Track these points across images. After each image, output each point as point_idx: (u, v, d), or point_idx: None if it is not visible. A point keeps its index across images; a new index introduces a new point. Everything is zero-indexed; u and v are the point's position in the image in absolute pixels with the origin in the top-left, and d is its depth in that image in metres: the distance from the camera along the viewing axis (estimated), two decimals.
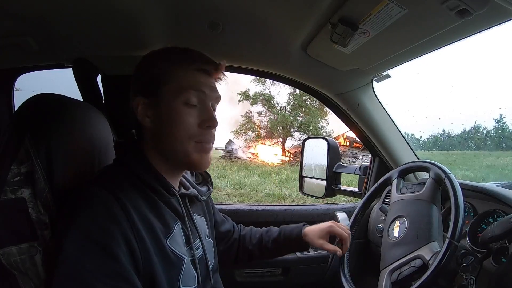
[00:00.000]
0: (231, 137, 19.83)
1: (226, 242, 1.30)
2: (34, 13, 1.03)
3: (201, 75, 0.93)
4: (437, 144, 19.25)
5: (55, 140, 0.85)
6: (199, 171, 1.14)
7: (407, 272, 1.00)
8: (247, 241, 1.34)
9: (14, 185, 0.79)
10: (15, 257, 0.77)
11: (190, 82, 0.91)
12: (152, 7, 1.07)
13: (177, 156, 0.92)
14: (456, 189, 1.03)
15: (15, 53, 1.31)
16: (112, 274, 0.72)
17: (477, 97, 34.43)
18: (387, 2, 0.88)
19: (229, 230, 1.33)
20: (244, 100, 20.03)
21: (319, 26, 1.13)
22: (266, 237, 1.33)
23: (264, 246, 1.31)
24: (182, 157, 0.92)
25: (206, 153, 0.95)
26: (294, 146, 19.32)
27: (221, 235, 1.28)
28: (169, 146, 0.92)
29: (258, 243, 1.32)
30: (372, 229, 1.67)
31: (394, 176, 1.30)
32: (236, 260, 1.34)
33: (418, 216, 1.10)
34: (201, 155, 0.93)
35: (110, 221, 0.76)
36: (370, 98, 1.65)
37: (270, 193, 10.11)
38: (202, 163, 0.95)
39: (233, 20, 1.18)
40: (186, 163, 0.94)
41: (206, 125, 0.92)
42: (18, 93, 1.67)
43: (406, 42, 1.12)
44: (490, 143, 17.96)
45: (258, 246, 1.32)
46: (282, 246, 1.30)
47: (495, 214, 1.19)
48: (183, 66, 0.92)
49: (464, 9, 0.84)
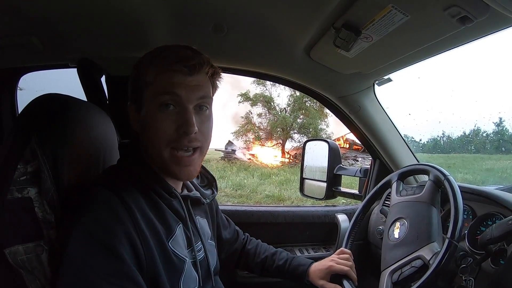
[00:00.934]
0: (231, 138, 19.82)
1: (227, 251, 1.30)
2: (39, 13, 1.04)
3: (176, 75, 0.86)
4: (437, 147, 19.22)
5: (61, 140, 0.86)
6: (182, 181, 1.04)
7: (408, 273, 1.00)
8: (250, 257, 1.33)
9: (20, 184, 0.80)
10: (22, 256, 0.77)
11: (163, 84, 0.86)
12: (156, 8, 1.08)
13: (157, 162, 0.91)
14: (455, 190, 1.04)
15: (20, 53, 1.32)
16: (116, 273, 0.73)
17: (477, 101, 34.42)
18: (390, 9, 0.89)
19: (231, 237, 1.32)
20: (244, 101, 20.01)
21: (323, 31, 1.13)
22: (270, 260, 1.30)
23: (266, 268, 1.30)
24: (160, 165, 0.91)
25: (185, 165, 0.89)
26: (294, 147, 19.29)
27: (222, 242, 1.27)
28: (150, 152, 0.91)
29: (261, 263, 1.31)
30: (372, 231, 1.67)
31: (394, 178, 1.31)
32: (236, 266, 1.35)
33: (418, 217, 1.11)
34: (179, 168, 0.89)
35: (114, 221, 0.77)
36: (371, 102, 1.66)
37: (269, 194, 10.12)
38: (180, 175, 0.91)
39: (237, 23, 1.19)
40: (165, 171, 0.92)
41: (182, 130, 0.86)
42: (21, 93, 1.67)
43: (408, 48, 1.13)
44: (490, 146, 17.94)
45: (260, 266, 1.31)
46: (283, 275, 1.29)
47: (493, 217, 1.20)
48: (158, 67, 0.87)
49: (465, 16, 0.85)
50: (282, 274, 1.28)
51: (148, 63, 0.88)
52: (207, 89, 0.92)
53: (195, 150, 0.91)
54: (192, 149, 0.90)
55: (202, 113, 0.91)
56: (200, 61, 0.87)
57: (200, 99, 0.89)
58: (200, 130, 0.89)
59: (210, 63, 0.91)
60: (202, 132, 0.90)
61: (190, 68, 0.86)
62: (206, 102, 0.91)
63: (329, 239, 1.84)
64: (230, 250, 1.31)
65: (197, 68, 0.87)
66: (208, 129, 0.93)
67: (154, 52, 0.91)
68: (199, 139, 0.90)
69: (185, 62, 0.86)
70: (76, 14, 1.06)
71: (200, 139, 0.90)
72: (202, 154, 0.94)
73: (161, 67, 0.86)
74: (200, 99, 0.89)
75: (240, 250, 1.34)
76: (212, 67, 0.92)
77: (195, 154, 0.91)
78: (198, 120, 0.89)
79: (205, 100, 0.91)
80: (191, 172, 0.92)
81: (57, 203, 0.84)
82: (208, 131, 0.93)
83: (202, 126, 0.90)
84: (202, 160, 0.97)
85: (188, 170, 0.91)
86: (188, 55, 0.88)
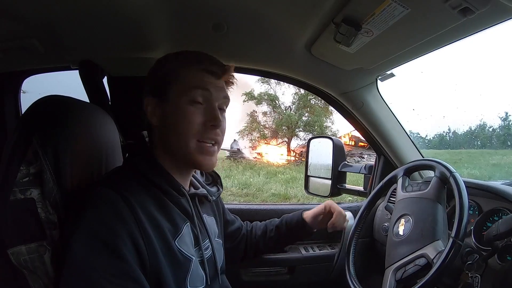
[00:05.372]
0: (236, 137, 19.84)
1: (234, 239, 1.32)
2: (40, 16, 1.04)
3: (208, 75, 0.94)
4: (442, 143, 19.14)
5: (63, 141, 0.87)
6: (204, 171, 1.14)
7: (411, 271, 1.00)
8: (253, 234, 1.37)
9: (23, 185, 0.81)
10: (25, 256, 0.78)
11: (196, 82, 0.93)
12: (156, 9, 1.08)
13: (180, 153, 0.94)
14: (461, 188, 1.03)
15: (22, 56, 1.33)
16: (119, 273, 0.74)
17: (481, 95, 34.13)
18: (390, 2, 0.88)
19: (239, 227, 1.35)
20: (249, 100, 20.01)
21: (323, 26, 1.13)
22: (270, 225, 1.38)
23: (268, 235, 1.35)
24: (184, 155, 0.94)
25: (209, 155, 0.96)
26: (300, 146, 19.27)
27: (230, 233, 1.30)
28: (173, 143, 0.94)
29: (263, 234, 1.36)
30: (377, 228, 1.66)
31: (400, 174, 1.30)
32: (243, 257, 1.36)
33: (423, 214, 1.10)
34: (203, 156, 0.94)
35: (117, 220, 0.78)
36: (374, 97, 1.65)
37: (275, 193, 10.11)
38: (204, 164, 0.96)
39: (237, 21, 1.19)
40: (189, 161, 0.95)
41: (210, 124, 0.93)
42: (24, 95, 1.69)
43: (409, 41, 1.12)
44: (496, 141, 17.83)
45: (262, 237, 1.36)
46: (284, 232, 1.34)
47: (500, 212, 1.19)
48: (191, 67, 0.94)
49: (466, 7, 0.84)
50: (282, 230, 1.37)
51: (184, 61, 0.97)
52: (227, 92, 1.02)
53: (215, 144, 0.97)
54: (213, 142, 0.96)
55: (222, 113, 0.99)
56: (226, 68, 0.98)
57: (223, 99, 0.99)
58: (220, 127, 0.97)
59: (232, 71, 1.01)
60: (221, 130, 0.98)
61: (221, 71, 0.97)
62: (226, 103, 1.01)
63: (334, 237, 1.83)
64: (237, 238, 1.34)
65: (224, 73, 0.98)
66: (225, 127, 1.01)
67: (183, 53, 0.99)
68: (219, 134, 0.97)
69: (217, 66, 0.97)
70: (76, 16, 1.06)
71: (220, 134, 0.98)
72: (218, 150, 1.00)
73: (195, 67, 0.95)
74: (223, 99, 0.99)
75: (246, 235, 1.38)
76: (232, 76, 1.02)
77: (215, 146, 0.98)
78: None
79: (225, 101, 1.00)
80: (213, 162, 0.98)
81: (60, 203, 0.85)
82: (224, 129, 1.01)
83: (222, 124, 0.98)
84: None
85: (211, 160, 0.97)
86: (216, 61, 0.98)
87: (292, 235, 1.37)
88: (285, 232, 1.34)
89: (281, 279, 1.72)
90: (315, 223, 1.35)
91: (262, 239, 1.36)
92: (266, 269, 1.71)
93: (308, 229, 1.35)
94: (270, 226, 1.37)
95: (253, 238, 1.36)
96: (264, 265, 1.69)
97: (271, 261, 1.66)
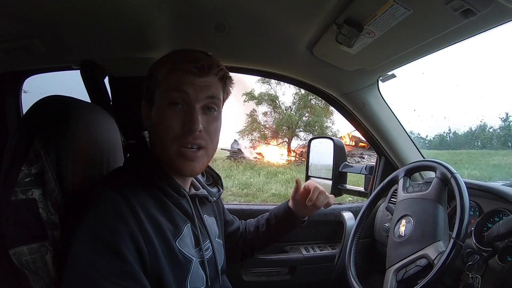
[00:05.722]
0: (237, 137, 19.84)
1: (233, 239, 1.31)
2: (41, 15, 1.04)
3: (186, 75, 0.89)
4: (443, 143, 19.14)
5: (65, 141, 0.87)
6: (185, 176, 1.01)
7: (412, 271, 1.00)
8: (247, 231, 1.35)
9: (24, 185, 0.81)
10: (26, 256, 0.78)
11: (173, 83, 0.89)
12: (158, 9, 1.08)
13: (162, 158, 0.92)
14: (462, 189, 1.03)
15: (23, 56, 1.32)
16: (120, 273, 0.74)
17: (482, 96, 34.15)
18: (392, 3, 0.88)
19: (237, 227, 1.34)
20: (249, 100, 19.99)
21: (325, 27, 1.13)
22: (261, 220, 1.35)
23: (260, 230, 1.32)
24: (166, 160, 0.91)
25: (190, 160, 0.90)
26: (300, 146, 19.25)
27: (229, 234, 1.29)
28: (157, 148, 0.92)
29: (255, 230, 1.34)
30: (378, 228, 1.67)
31: (401, 175, 1.30)
32: (242, 256, 1.35)
33: (424, 215, 1.10)
34: (183, 161, 0.90)
35: (118, 220, 0.77)
36: (375, 98, 1.65)
37: (276, 193, 10.08)
38: (184, 170, 0.91)
39: (239, 21, 1.19)
40: (170, 166, 0.92)
41: (188, 127, 0.88)
42: (25, 95, 1.68)
43: (411, 42, 1.12)
44: (496, 142, 17.83)
45: (255, 232, 1.33)
46: (274, 224, 1.31)
47: (500, 213, 1.19)
48: (169, 67, 0.91)
49: (468, 9, 0.84)
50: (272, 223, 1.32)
51: (161, 63, 0.93)
52: (216, 90, 0.94)
53: (200, 149, 0.91)
54: (196, 147, 0.90)
55: (210, 114, 0.93)
56: (209, 62, 0.91)
57: (208, 98, 0.91)
58: (206, 130, 0.91)
59: (220, 65, 0.94)
60: (208, 132, 0.92)
61: (199, 68, 0.89)
62: (214, 103, 0.93)
63: (334, 237, 1.83)
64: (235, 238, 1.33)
65: (206, 69, 0.90)
66: (215, 130, 0.95)
67: (169, 54, 0.95)
68: (204, 138, 0.91)
69: (195, 63, 0.89)
70: (77, 16, 1.06)
71: (205, 138, 0.91)
72: (207, 154, 0.95)
73: (172, 67, 0.90)
74: (208, 98, 0.91)
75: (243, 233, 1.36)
76: (221, 70, 0.94)
77: (200, 152, 0.91)
78: (204, 119, 0.90)
79: (213, 101, 0.93)
80: (194, 167, 0.92)
81: (61, 204, 0.85)
82: (214, 131, 0.94)
83: (209, 126, 0.92)
84: (208, 161, 0.98)
85: (192, 165, 0.91)
86: (198, 56, 0.91)
87: (282, 226, 1.32)
88: (275, 223, 1.30)
89: (282, 279, 1.72)
90: (298, 207, 1.29)
91: (255, 235, 1.33)
92: (267, 269, 1.71)
93: (295, 216, 1.29)
94: (262, 221, 1.35)
95: (247, 234, 1.34)
96: (265, 265, 1.69)
97: (272, 261, 1.67)
